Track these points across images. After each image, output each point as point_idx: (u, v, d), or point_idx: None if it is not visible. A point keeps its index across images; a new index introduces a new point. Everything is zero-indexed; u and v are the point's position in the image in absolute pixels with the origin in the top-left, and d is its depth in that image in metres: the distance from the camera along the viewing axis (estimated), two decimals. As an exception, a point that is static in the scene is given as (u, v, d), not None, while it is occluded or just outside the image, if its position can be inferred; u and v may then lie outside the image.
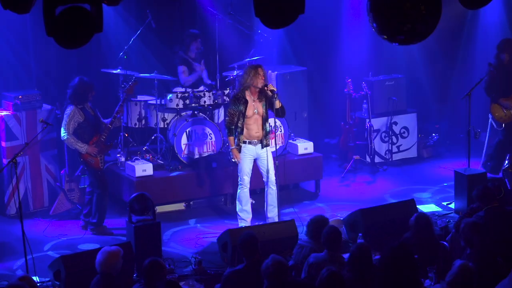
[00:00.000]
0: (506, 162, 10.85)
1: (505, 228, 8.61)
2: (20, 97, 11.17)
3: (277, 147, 11.05)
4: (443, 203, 11.60)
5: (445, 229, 9.88)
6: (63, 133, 10.40)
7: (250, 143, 10.39)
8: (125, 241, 9.36)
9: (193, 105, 11.71)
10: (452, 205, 11.32)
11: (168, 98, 11.60)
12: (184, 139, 11.66)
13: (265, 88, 10.25)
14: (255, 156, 10.45)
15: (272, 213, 10.51)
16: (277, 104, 10.30)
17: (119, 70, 11.73)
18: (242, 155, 10.41)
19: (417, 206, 10.16)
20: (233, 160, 10.73)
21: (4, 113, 11.15)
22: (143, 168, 11.27)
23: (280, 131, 12.04)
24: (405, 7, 6.34)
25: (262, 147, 10.43)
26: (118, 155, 11.69)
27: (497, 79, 11.99)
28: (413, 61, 14.41)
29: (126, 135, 11.92)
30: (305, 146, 12.19)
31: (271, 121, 10.65)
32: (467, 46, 14.48)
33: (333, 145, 13.77)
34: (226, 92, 11.79)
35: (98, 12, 6.64)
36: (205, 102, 11.75)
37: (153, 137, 11.90)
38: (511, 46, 12.06)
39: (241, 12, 12.43)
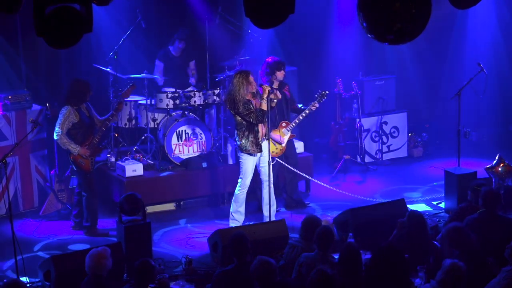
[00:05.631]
0: (495, 160, 10.83)
1: (497, 233, 8.56)
2: (9, 97, 11.13)
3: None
4: (433, 202, 11.62)
5: (435, 229, 9.90)
6: (56, 132, 10.33)
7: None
8: (115, 242, 9.36)
9: (183, 105, 11.70)
10: (442, 205, 11.35)
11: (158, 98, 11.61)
12: (174, 139, 11.65)
13: (264, 87, 10.09)
14: (259, 155, 10.41)
15: (269, 212, 10.42)
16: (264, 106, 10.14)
17: (109, 69, 11.72)
18: (247, 158, 10.30)
19: (407, 206, 10.18)
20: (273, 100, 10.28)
21: (-7, 113, 11.13)
22: (133, 168, 11.25)
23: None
24: (395, 6, 6.35)
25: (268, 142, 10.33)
26: (108, 155, 11.68)
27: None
28: (403, 61, 14.42)
29: (116, 135, 11.91)
30: (295, 146, 12.18)
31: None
32: (457, 46, 14.49)
33: (324, 145, 13.77)
34: (216, 92, 11.77)
35: (88, 12, 6.63)
36: (195, 102, 11.74)
37: (143, 137, 11.89)
38: (278, 66, 10.93)
39: (231, 12, 12.43)
